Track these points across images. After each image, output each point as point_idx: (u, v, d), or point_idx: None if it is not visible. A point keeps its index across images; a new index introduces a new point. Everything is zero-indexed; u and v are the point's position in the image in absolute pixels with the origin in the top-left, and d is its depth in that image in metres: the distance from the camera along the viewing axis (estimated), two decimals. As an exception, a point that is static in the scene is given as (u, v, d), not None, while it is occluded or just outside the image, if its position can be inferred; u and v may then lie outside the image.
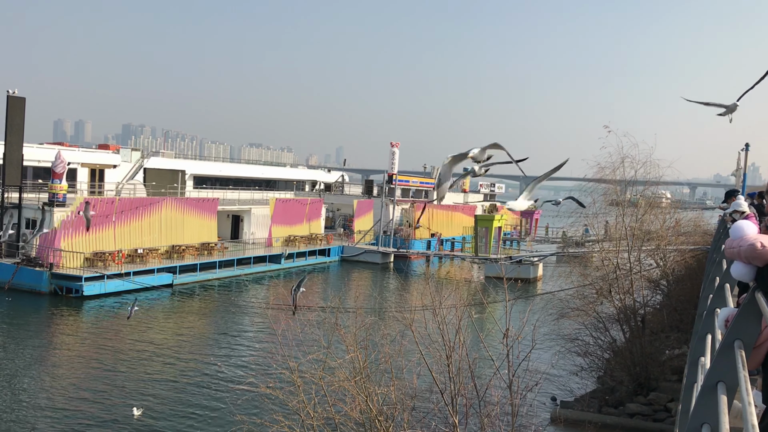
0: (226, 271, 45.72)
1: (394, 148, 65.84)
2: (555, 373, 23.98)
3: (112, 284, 37.35)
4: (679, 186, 65.97)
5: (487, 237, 55.50)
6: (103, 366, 24.75)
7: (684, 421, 5.64)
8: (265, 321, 29.99)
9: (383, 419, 12.15)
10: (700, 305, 10.30)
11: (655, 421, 20.24)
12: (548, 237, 72.84)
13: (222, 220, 52.91)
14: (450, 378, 12.57)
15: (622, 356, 23.20)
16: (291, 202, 59.59)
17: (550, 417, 20.92)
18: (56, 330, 30.74)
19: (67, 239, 37.96)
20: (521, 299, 30.54)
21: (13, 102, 39.91)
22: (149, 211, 43.43)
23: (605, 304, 25.68)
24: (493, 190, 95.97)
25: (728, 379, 3.46)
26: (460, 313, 13.94)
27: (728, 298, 5.56)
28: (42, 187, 43.02)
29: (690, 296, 25.27)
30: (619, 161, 25.68)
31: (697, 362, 5.83)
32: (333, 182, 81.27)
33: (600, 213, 29.01)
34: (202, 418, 20.09)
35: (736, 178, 30.40)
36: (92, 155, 53.37)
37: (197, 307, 37.55)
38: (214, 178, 65.50)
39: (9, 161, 39.45)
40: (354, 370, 12.67)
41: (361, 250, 59.19)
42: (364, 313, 15.49)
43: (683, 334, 24.99)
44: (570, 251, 44.64)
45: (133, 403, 20.36)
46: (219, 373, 24.38)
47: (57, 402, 20.72)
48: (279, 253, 51.69)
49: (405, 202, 68.71)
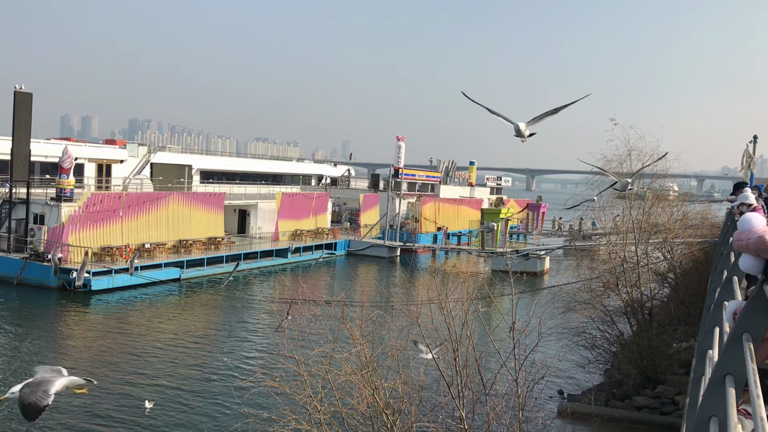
0: (233, 265, 45.77)
1: (400, 142, 65.76)
2: (562, 366, 23.96)
3: (119, 279, 37.49)
4: (686, 179, 65.81)
5: (494, 230, 55.43)
6: (111, 360, 24.87)
7: (692, 414, 5.63)
8: (272, 315, 30.07)
9: (390, 413, 12.17)
10: (708, 298, 10.26)
11: (662, 414, 20.20)
12: (559, 230, 72.42)
13: (229, 215, 53.00)
14: (457, 371, 12.57)
15: (630, 349, 23.15)
16: (297, 196, 59.62)
17: (557, 410, 20.91)
18: (64, 324, 30.89)
19: (74, 234, 38.13)
20: (528, 293, 30.51)
21: (20, 98, 40.03)
22: (156, 206, 43.54)
23: (612, 298, 25.62)
24: (499, 183, 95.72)
25: (736, 372, 3.44)
26: (466, 306, 13.94)
27: (736, 291, 5.54)
28: (49, 182, 43.19)
29: (698, 289, 25.16)
30: (626, 154, 25.60)
31: (705, 355, 5.81)
32: (339, 176, 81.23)
33: (607, 206, 28.92)
34: (209, 412, 20.18)
35: (743, 169, 30.19)
36: (99, 150, 53.50)
37: (204, 302, 37.66)
38: (221, 173, 65.56)
39: (17, 157, 39.61)
40: (360, 363, 12.68)
41: (367, 244, 59.21)
42: (370, 307, 15.50)
43: (691, 327, 24.92)
44: (577, 245, 44.51)
45: (140, 396, 20.45)
46: (226, 367, 24.47)
47: (66, 396, 20.83)
48: (286, 247, 51.78)
49: (411, 195, 68.67)
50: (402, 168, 65.86)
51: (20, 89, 40.22)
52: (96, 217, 39.43)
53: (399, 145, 65.69)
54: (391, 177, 65.81)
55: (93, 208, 39.30)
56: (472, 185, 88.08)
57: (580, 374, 24.92)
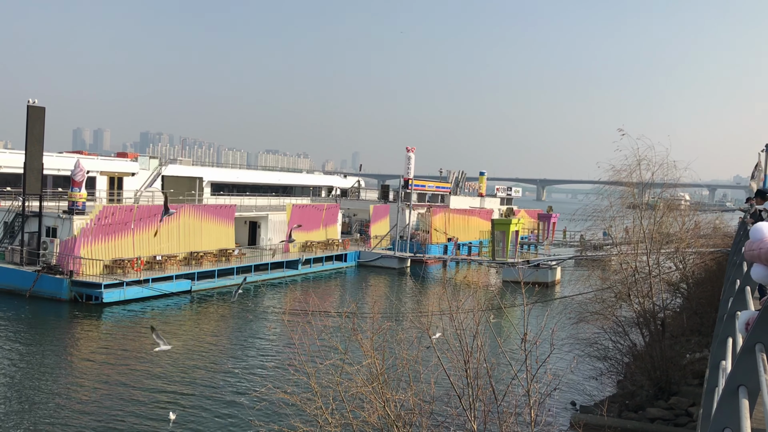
0: (242, 278, 45.85)
1: (410, 153, 65.87)
2: (574, 377, 23.83)
3: (131, 291, 37.65)
4: (698, 188, 65.30)
5: (504, 241, 55.31)
6: (122, 372, 24.93)
7: (705, 425, 5.57)
8: (282, 327, 30.07)
9: (401, 425, 12.11)
10: (721, 308, 10.18)
11: (676, 425, 19.99)
12: (566, 240, 72.33)
13: (239, 227, 53.18)
14: (468, 383, 12.50)
15: (642, 360, 22.95)
16: (308, 207, 59.76)
17: (570, 422, 20.72)
18: (77, 337, 31.01)
19: (86, 247, 38.36)
20: (539, 303, 30.36)
21: (33, 111, 40.44)
22: (167, 219, 43.76)
23: (624, 308, 25.45)
24: (509, 193, 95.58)
25: (750, 383, 3.41)
26: (477, 317, 13.87)
27: (749, 301, 5.50)
28: (62, 195, 43.52)
29: (710, 299, 24.95)
30: (636, 163, 25.47)
31: (718, 366, 5.76)
32: (349, 187, 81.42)
33: (617, 216, 28.77)
34: (220, 423, 20.17)
35: (754, 179, 29.99)
36: (111, 163, 53.94)
37: (215, 314, 37.72)
38: (232, 185, 65.89)
39: (30, 170, 39.96)
40: (371, 375, 12.64)
41: (377, 255, 59.19)
42: (381, 318, 15.47)
43: (704, 338, 24.69)
44: (588, 255, 44.30)
45: (152, 408, 20.49)
46: (237, 378, 24.49)
47: (78, 407, 20.90)
48: (296, 258, 51.84)
49: (421, 206, 68.66)
50: (412, 179, 65.93)
51: (33, 103, 40.64)
52: (108, 230, 39.68)
53: (409, 156, 65.78)
54: (401, 188, 65.88)
55: (105, 221, 39.55)
56: (483, 196, 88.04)
57: (592, 385, 24.73)
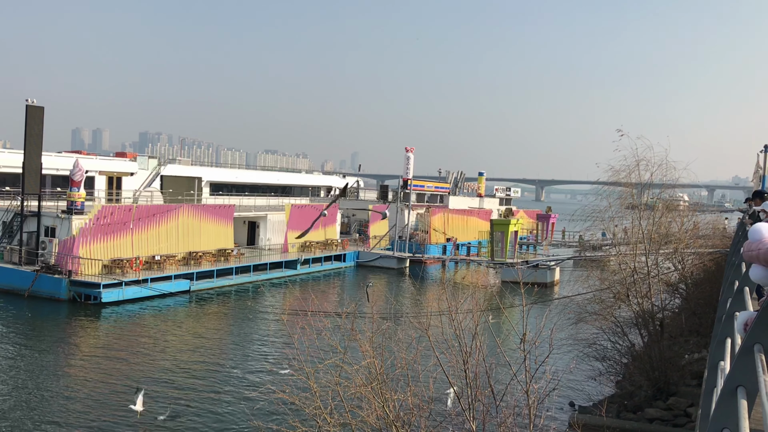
0: (243, 277, 45.90)
1: (409, 153, 65.88)
2: (573, 378, 23.83)
3: (130, 291, 37.64)
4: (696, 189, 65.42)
5: (503, 241, 55.31)
6: (121, 371, 24.92)
7: (704, 426, 5.58)
8: (281, 327, 30.07)
9: (400, 425, 12.11)
10: (719, 309, 10.19)
11: (675, 426, 20.00)
12: (565, 241, 72.42)
13: (238, 227, 53.16)
14: (467, 383, 12.51)
15: (641, 361, 22.97)
16: (306, 207, 59.76)
17: (569, 422, 20.73)
18: (75, 336, 30.99)
19: (85, 247, 38.34)
20: (538, 304, 30.37)
21: (32, 111, 40.40)
22: (166, 218, 43.75)
23: (623, 308, 25.45)
24: (508, 194, 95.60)
25: (748, 384, 3.42)
26: (476, 317, 13.86)
27: (747, 302, 5.51)
28: (60, 195, 43.48)
29: (709, 300, 24.97)
30: (634, 164, 25.47)
31: (717, 366, 5.77)
32: (348, 188, 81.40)
33: (616, 216, 28.77)
34: (219, 423, 20.16)
35: (754, 179, 30.03)
36: (110, 163, 53.92)
37: (214, 313, 37.71)
38: (231, 185, 65.89)
39: (28, 170, 39.94)
40: (370, 375, 12.64)
41: (376, 255, 59.20)
42: (380, 319, 15.47)
43: (702, 338, 24.71)
44: (587, 255, 44.31)
45: (150, 408, 20.46)
46: (235, 378, 24.48)
47: (76, 407, 20.88)
48: (295, 258, 51.83)
49: (420, 206, 68.67)
50: (411, 179, 65.95)
51: (32, 103, 40.60)
52: (106, 230, 39.66)
53: (408, 157, 65.80)
54: (400, 188, 65.90)
55: (103, 221, 39.53)
56: (482, 196, 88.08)
57: (591, 386, 24.74)
